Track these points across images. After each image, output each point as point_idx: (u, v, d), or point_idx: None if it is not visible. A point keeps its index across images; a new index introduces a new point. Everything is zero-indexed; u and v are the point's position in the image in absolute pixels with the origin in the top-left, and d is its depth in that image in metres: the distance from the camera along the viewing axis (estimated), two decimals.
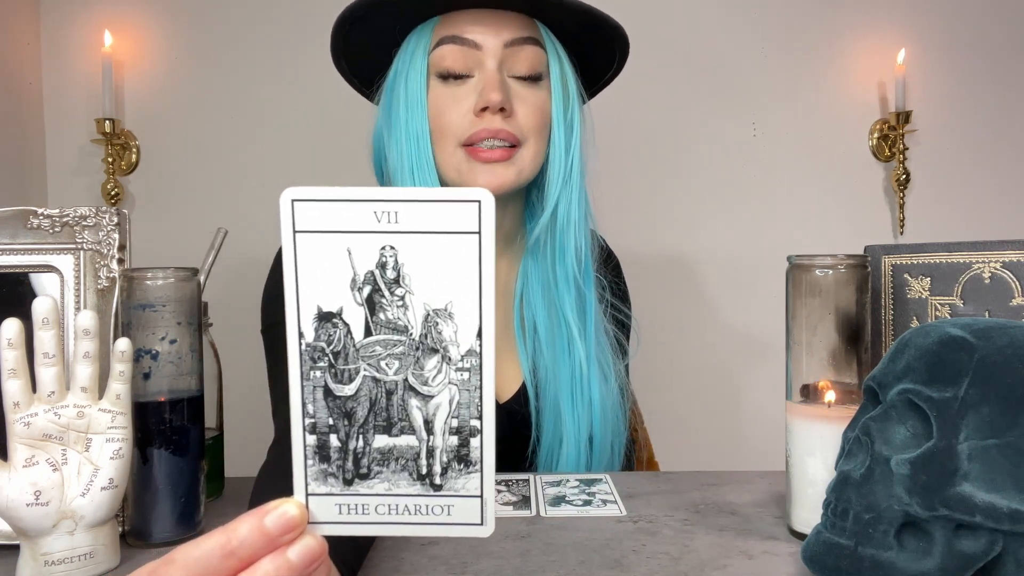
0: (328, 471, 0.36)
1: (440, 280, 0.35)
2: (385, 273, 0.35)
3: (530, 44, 0.80)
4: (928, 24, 1.65)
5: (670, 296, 1.64)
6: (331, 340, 0.36)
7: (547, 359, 0.86)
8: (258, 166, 1.59)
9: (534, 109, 0.81)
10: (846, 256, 0.61)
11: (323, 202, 0.35)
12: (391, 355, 0.36)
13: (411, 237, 0.35)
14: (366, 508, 0.37)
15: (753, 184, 1.65)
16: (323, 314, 0.36)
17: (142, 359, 0.62)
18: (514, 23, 0.80)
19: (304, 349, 0.36)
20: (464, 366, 0.36)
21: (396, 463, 0.36)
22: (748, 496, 0.72)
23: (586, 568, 0.55)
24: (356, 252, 0.35)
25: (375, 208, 0.35)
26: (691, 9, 1.64)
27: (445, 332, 0.36)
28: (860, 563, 0.47)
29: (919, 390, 0.47)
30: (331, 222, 0.35)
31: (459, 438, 0.36)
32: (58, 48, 1.58)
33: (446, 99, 0.80)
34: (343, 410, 0.36)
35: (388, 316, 0.36)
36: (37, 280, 0.65)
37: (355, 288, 0.35)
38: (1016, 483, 0.43)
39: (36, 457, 0.53)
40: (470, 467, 0.36)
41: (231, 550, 0.33)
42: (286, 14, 1.59)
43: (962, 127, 1.66)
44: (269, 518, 0.34)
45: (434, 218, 0.35)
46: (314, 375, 0.36)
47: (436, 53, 0.80)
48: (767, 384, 1.47)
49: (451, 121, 0.79)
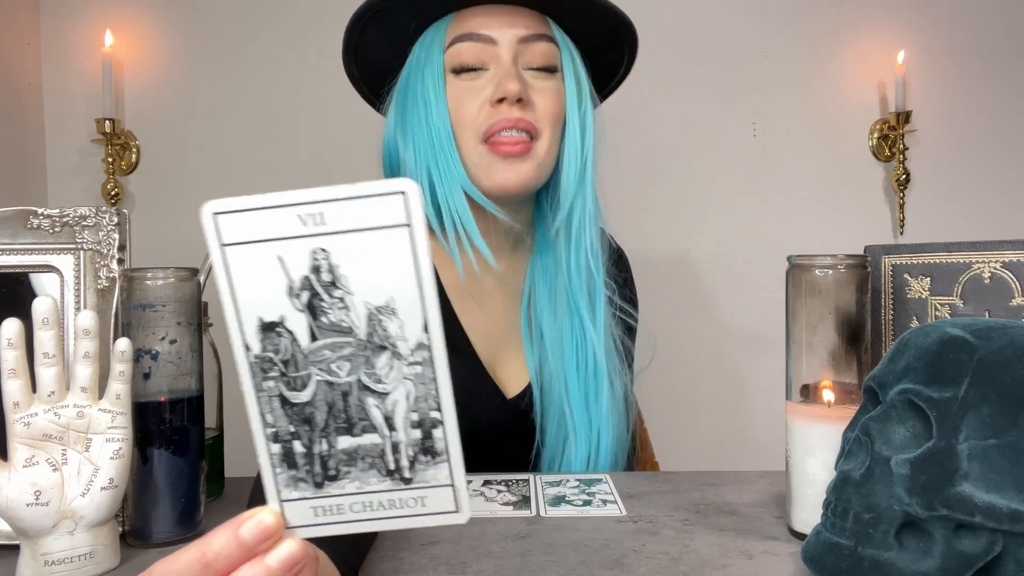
0: (297, 476, 0.36)
1: (377, 277, 0.34)
2: (320, 277, 0.35)
3: (543, 40, 0.82)
4: (928, 24, 1.65)
5: (670, 296, 1.64)
6: (278, 349, 0.35)
7: (553, 362, 0.86)
8: (258, 166, 1.59)
9: (551, 98, 0.82)
10: (846, 256, 0.61)
11: (246, 212, 0.34)
12: (340, 357, 0.36)
13: (341, 237, 0.34)
14: (340, 508, 0.37)
15: (753, 184, 1.65)
16: (265, 324, 0.35)
17: (142, 359, 0.62)
18: (527, 19, 0.81)
19: (253, 361, 0.35)
20: (415, 359, 0.35)
21: (363, 462, 0.36)
22: (748, 496, 0.72)
23: (586, 568, 0.55)
24: (288, 259, 0.34)
25: (299, 212, 0.34)
26: (691, 9, 1.64)
27: (390, 328, 0.35)
28: (860, 563, 0.47)
29: (919, 390, 0.47)
30: (257, 231, 0.34)
31: (422, 431, 0.36)
32: (58, 48, 1.58)
33: (463, 92, 0.81)
34: (302, 416, 0.36)
35: (331, 319, 0.35)
36: (37, 280, 0.65)
37: (293, 295, 0.35)
38: (1016, 483, 0.43)
39: (36, 457, 0.53)
40: (437, 458, 0.36)
41: (207, 562, 0.33)
42: (286, 14, 1.59)
43: (962, 127, 1.66)
44: (244, 528, 0.34)
45: (360, 215, 0.34)
46: (267, 385, 0.36)
47: (452, 50, 0.81)
48: (767, 384, 1.47)
49: (470, 112, 0.80)
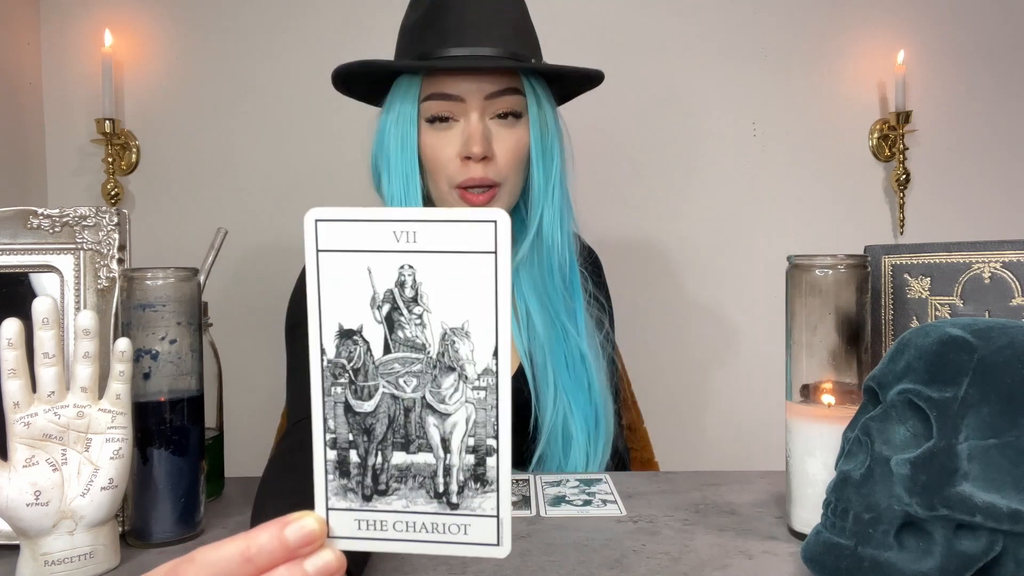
0: (348, 486, 0.37)
1: (457, 299, 0.36)
2: (404, 291, 0.36)
3: (509, 94, 0.89)
4: (928, 24, 1.65)
5: (670, 296, 1.64)
6: (351, 357, 0.36)
7: (544, 344, 0.92)
8: (258, 166, 1.59)
9: (512, 149, 0.90)
10: (846, 256, 0.61)
11: (345, 222, 0.35)
12: (409, 372, 0.36)
13: (429, 256, 0.35)
14: (384, 524, 0.37)
15: (753, 184, 1.65)
16: (344, 331, 0.36)
17: (142, 359, 0.62)
18: (496, 76, 0.88)
19: (326, 365, 0.36)
20: (480, 385, 0.36)
21: (414, 480, 0.37)
22: (748, 496, 0.72)
23: (586, 568, 0.55)
24: (376, 271, 0.36)
25: (394, 228, 0.35)
26: (691, 9, 1.64)
27: (462, 350, 0.36)
28: (860, 563, 0.47)
29: (919, 390, 0.47)
30: (352, 241, 0.36)
31: (475, 457, 0.37)
32: (58, 48, 1.58)
33: (436, 140, 0.90)
34: (363, 426, 0.37)
35: (406, 334, 0.36)
36: (37, 280, 0.65)
37: (375, 306, 0.36)
38: (1016, 483, 0.43)
39: (36, 457, 0.53)
40: (486, 486, 0.37)
41: (249, 556, 0.34)
42: (286, 14, 1.59)
43: (962, 127, 1.66)
44: (289, 529, 0.35)
45: (451, 238, 0.35)
46: (335, 391, 0.37)
47: (424, 105, 0.89)
48: (767, 384, 1.47)
49: (443, 163, 0.90)
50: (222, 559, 0.34)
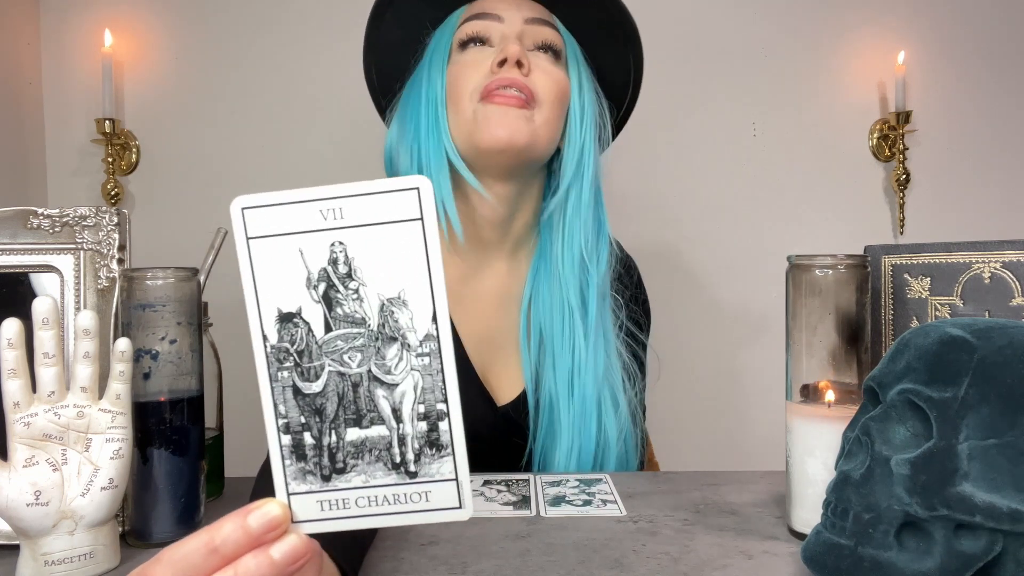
0: (306, 469, 0.37)
1: (390, 269, 0.36)
2: (337, 268, 0.36)
3: (549, 26, 0.84)
4: (928, 24, 1.65)
5: (669, 296, 1.64)
6: (294, 340, 0.37)
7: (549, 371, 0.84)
8: (258, 166, 1.59)
9: (551, 78, 0.82)
10: (846, 256, 0.61)
11: (271, 207, 0.36)
12: (352, 348, 0.37)
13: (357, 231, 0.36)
14: (346, 502, 0.37)
15: (753, 184, 1.65)
16: (283, 315, 0.37)
17: (142, 359, 0.62)
18: (536, 7, 0.84)
19: (269, 351, 0.37)
20: (424, 351, 0.36)
21: (370, 454, 0.37)
22: (748, 496, 0.72)
23: (586, 568, 0.55)
24: (308, 251, 0.36)
25: (320, 207, 0.36)
26: (691, 9, 1.64)
27: (401, 319, 0.36)
28: (860, 563, 0.47)
29: (919, 390, 0.47)
30: (281, 225, 0.36)
31: (428, 423, 0.37)
32: (58, 48, 1.58)
33: (465, 63, 0.82)
34: (313, 407, 0.37)
35: (345, 310, 0.37)
36: (37, 280, 0.65)
37: (310, 286, 0.36)
38: (1016, 483, 0.43)
39: (36, 457, 0.53)
40: (442, 451, 0.37)
41: (214, 547, 0.34)
42: (286, 14, 1.59)
43: (962, 127, 1.66)
44: (252, 517, 0.35)
45: (377, 210, 0.36)
46: (282, 375, 0.37)
47: (460, 29, 0.84)
48: (767, 384, 1.47)
49: (468, 80, 0.81)
50: (188, 554, 0.34)
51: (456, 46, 0.83)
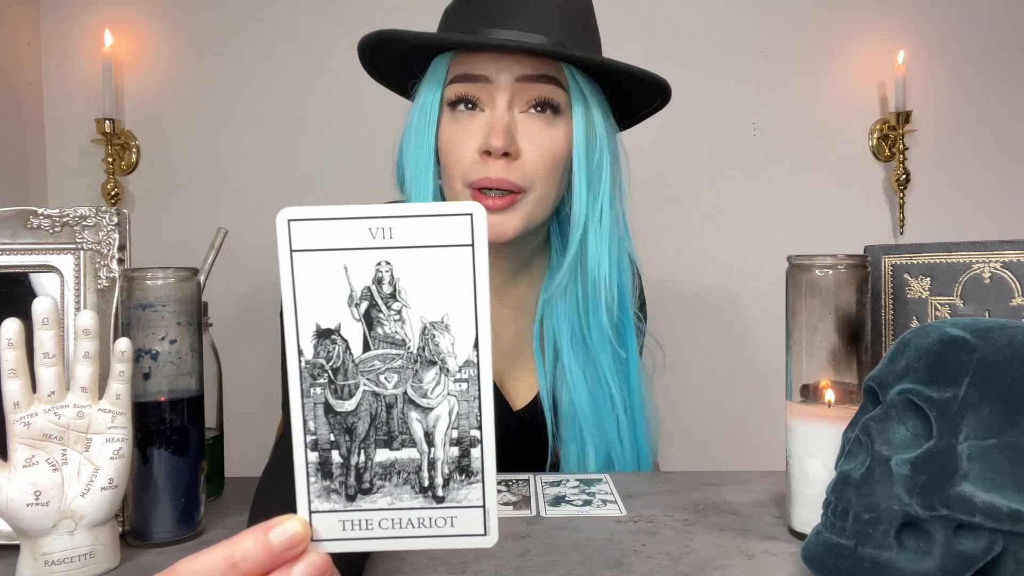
0: (331, 487, 0.37)
1: (436, 293, 0.36)
2: (382, 288, 0.36)
3: (545, 81, 0.77)
4: (928, 24, 1.65)
5: (669, 296, 1.64)
6: (330, 356, 0.36)
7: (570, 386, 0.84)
8: (258, 166, 1.59)
9: (544, 148, 0.77)
10: (846, 256, 0.61)
11: (319, 221, 0.35)
12: (390, 369, 0.36)
13: (406, 252, 0.35)
14: (369, 523, 0.37)
15: (753, 184, 1.65)
16: (321, 331, 0.36)
17: (142, 359, 0.62)
18: (533, 60, 0.76)
19: (304, 366, 0.36)
20: (462, 377, 0.36)
21: (398, 476, 0.37)
22: (748, 496, 0.72)
23: (586, 568, 0.55)
24: (352, 268, 0.36)
25: (370, 225, 0.35)
26: (691, 9, 1.64)
27: (442, 344, 0.36)
28: (860, 563, 0.47)
29: (919, 390, 0.47)
30: (327, 240, 0.35)
31: (459, 449, 0.36)
32: (58, 48, 1.58)
33: (455, 130, 0.79)
34: (344, 426, 0.36)
35: (386, 330, 0.36)
36: (37, 280, 0.65)
37: (352, 304, 0.36)
38: (1016, 483, 0.43)
39: (36, 457, 0.53)
40: (471, 477, 0.37)
41: (234, 563, 0.34)
42: (286, 14, 1.59)
43: (962, 127, 1.66)
44: (273, 533, 0.34)
45: (428, 232, 0.35)
46: (314, 392, 0.36)
47: (449, 88, 0.79)
48: (767, 384, 1.47)
49: (459, 159, 0.78)
50: (206, 567, 0.34)
51: (446, 104, 0.79)
